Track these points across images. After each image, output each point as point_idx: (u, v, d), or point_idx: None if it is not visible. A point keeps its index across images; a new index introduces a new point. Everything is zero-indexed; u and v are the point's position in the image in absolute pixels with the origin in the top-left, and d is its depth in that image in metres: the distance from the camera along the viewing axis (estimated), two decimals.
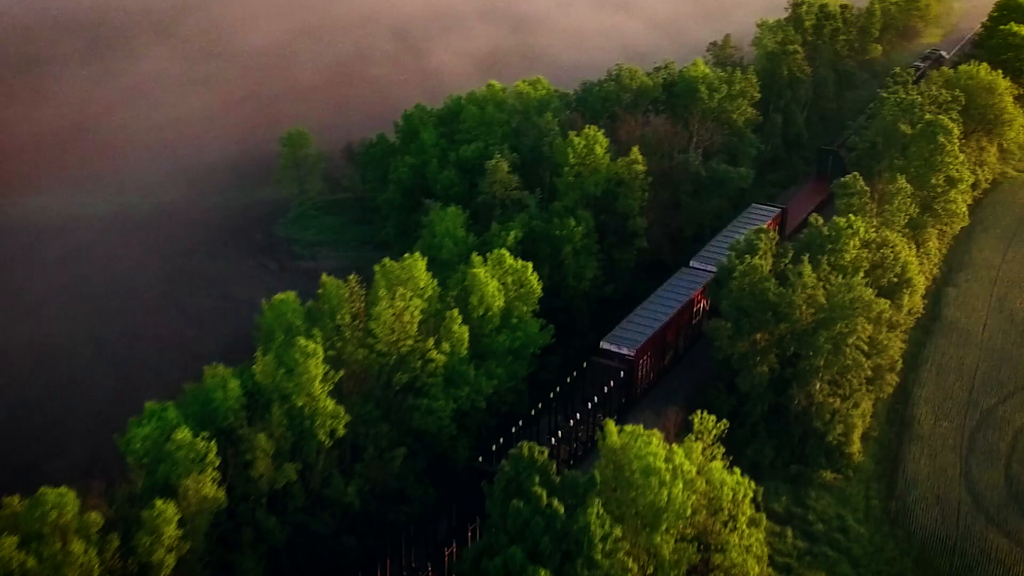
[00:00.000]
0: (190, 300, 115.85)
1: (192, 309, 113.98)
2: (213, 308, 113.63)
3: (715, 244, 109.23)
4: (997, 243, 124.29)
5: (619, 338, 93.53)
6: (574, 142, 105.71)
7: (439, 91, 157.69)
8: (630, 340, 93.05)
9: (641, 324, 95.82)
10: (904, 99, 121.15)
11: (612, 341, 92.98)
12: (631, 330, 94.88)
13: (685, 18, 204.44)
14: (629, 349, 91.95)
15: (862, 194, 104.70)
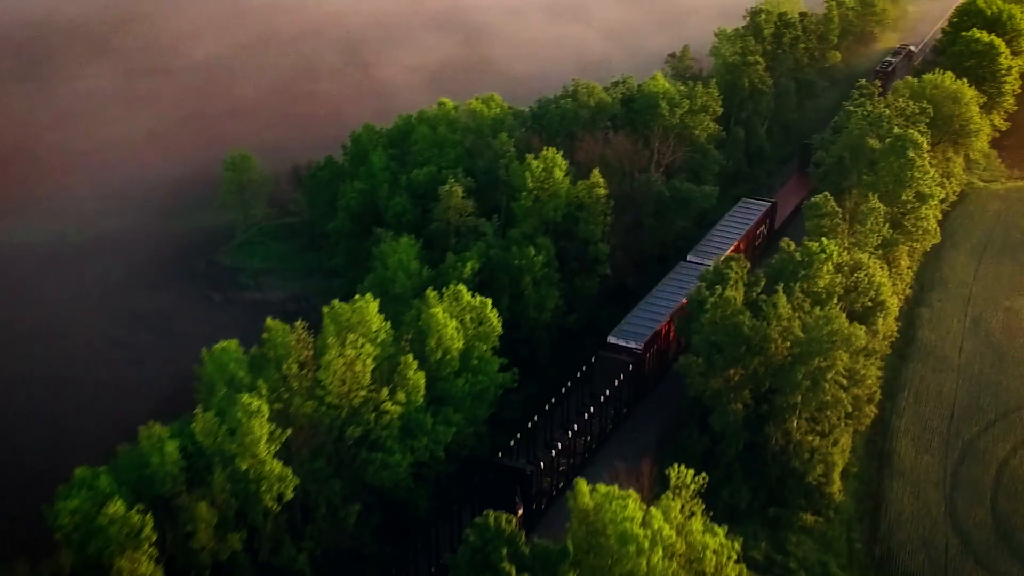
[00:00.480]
0: (130, 337, 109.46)
1: (132, 347, 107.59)
2: (155, 346, 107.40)
3: (710, 239, 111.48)
4: (967, 259, 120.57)
5: (626, 332, 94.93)
6: (532, 166, 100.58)
7: (389, 107, 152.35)
8: (637, 334, 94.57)
9: (646, 318, 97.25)
10: (871, 112, 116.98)
11: (619, 335, 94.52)
12: (637, 324, 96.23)
13: (639, 26, 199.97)
14: (637, 343, 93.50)
15: (833, 215, 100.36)
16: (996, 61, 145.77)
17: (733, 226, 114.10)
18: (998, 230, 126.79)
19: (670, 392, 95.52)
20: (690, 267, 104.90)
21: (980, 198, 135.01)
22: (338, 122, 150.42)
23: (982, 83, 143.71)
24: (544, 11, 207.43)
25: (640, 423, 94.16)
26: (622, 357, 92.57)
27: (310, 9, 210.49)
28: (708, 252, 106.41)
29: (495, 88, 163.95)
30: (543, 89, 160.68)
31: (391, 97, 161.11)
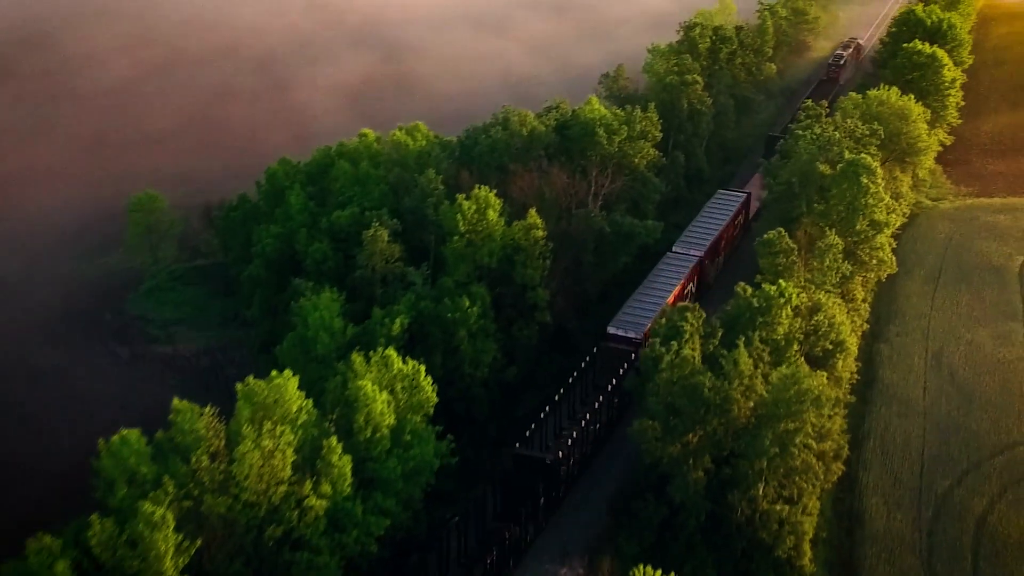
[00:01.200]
0: (27, 402, 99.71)
1: (29, 415, 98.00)
2: (54, 412, 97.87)
3: (692, 230, 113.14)
4: (923, 287, 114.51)
5: (625, 323, 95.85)
6: (463, 207, 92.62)
7: (308, 134, 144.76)
8: (636, 324, 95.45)
9: (642, 308, 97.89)
10: (820, 136, 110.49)
11: (618, 326, 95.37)
12: (633, 315, 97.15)
13: (566, 40, 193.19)
14: (636, 333, 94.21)
15: (788, 252, 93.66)
16: (939, 74, 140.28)
17: (713, 217, 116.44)
18: (951, 254, 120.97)
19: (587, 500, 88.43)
20: (677, 257, 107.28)
21: (930, 219, 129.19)
22: (254, 151, 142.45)
23: (925, 96, 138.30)
24: (468, 25, 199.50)
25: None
26: (622, 347, 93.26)
27: (223, 27, 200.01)
28: (692, 242, 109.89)
29: (419, 109, 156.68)
30: (470, 110, 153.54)
31: (310, 122, 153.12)
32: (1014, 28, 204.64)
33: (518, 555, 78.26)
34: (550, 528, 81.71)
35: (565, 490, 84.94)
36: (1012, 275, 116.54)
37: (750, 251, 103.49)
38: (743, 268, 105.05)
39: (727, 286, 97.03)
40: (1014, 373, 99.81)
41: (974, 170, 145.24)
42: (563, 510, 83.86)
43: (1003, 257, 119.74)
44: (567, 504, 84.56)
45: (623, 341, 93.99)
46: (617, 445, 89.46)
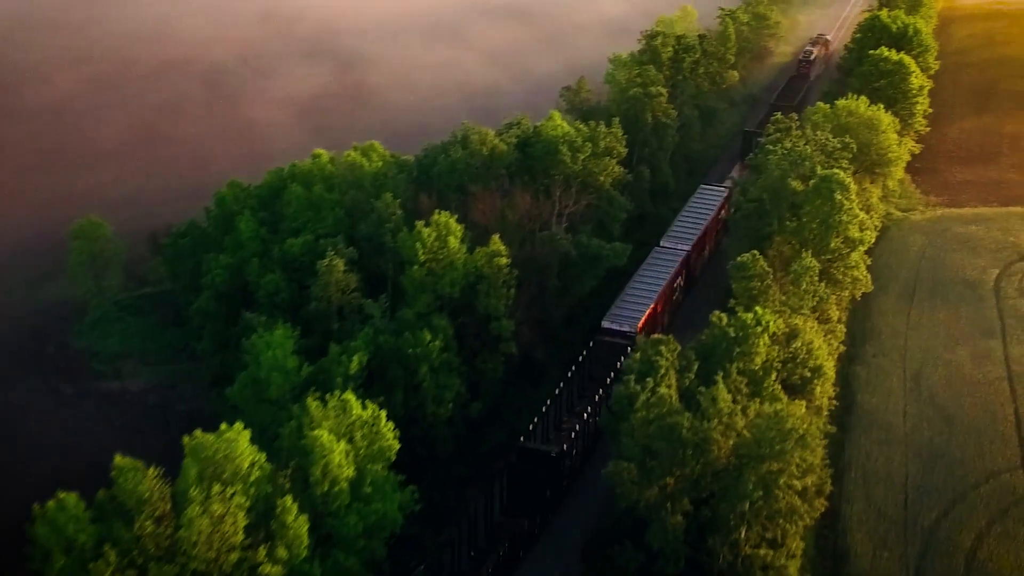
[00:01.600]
0: None
1: None
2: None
3: (678, 225, 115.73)
4: (898, 303, 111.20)
5: (619, 317, 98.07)
6: (422, 235, 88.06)
7: (259, 151, 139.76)
8: (630, 318, 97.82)
9: (635, 302, 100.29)
10: (791, 151, 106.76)
11: (613, 320, 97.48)
12: (627, 309, 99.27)
13: (523, 48, 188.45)
14: (631, 327, 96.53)
15: (763, 276, 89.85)
16: (907, 81, 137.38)
17: (698, 211, 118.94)
18: (925, 268, 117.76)
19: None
20: (664, 251, 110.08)
21: (901, 232, 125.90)
22: (203, 170, 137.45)
23: (893, 104, 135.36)
24: (422, 34, 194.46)
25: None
26: (617, 341, 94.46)
27: (170, 39, 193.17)
28: (680, 237, 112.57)
29: (374, 123, 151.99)
30: (427, 123, 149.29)
31: (261, 139, 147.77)
32: (974, 30, 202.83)
33: (527, 548, 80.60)
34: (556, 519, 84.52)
35: (568, 482, 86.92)
36: (987, 290, 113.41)
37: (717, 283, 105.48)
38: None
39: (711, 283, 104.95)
40: (995, 394, 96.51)
41: (942, 179, 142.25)
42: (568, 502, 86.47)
43: (977, 271, 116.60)
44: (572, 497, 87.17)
45: (618, 335, 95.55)
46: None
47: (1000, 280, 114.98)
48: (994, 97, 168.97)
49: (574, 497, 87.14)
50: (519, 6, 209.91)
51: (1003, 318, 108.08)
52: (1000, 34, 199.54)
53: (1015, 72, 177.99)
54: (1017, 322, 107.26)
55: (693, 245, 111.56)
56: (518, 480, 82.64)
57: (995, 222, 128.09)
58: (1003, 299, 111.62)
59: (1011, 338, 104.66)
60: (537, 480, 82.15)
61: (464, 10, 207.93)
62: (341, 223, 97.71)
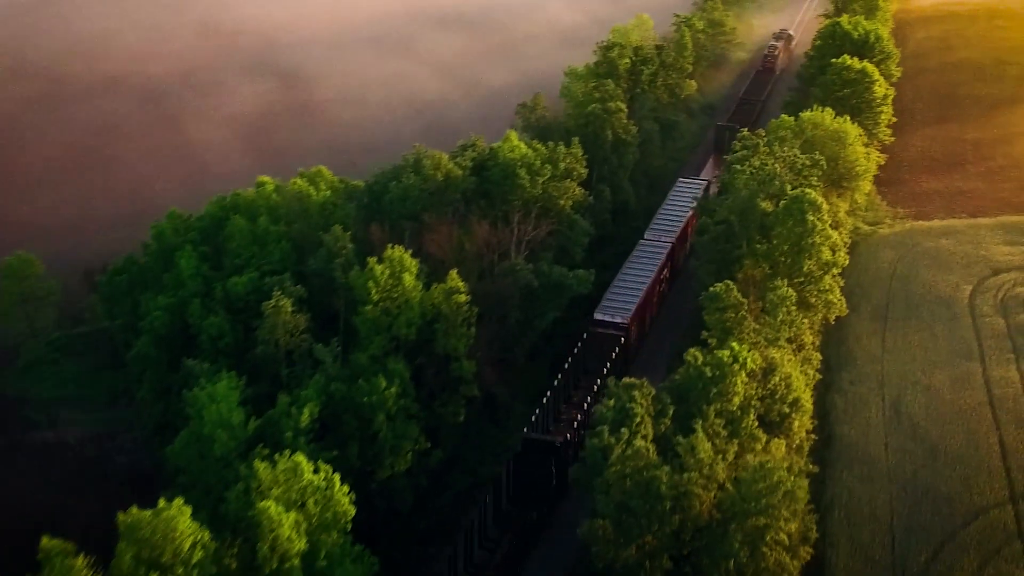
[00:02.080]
0: None
1: None
2: None
3: (660, 217, 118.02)
4: (872, 325, 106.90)
5: (611, 308, 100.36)
6: (375, 272, 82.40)
7: (201, 173, 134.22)
8: (622, 309, 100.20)
9: (626, 294, 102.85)
10: (759, 170, 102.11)
11: (604, 312, 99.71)
12: (618, 300, 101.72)
13: (474, 59, 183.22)
14: (623, 317, 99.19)
15: (737, 307, 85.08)
16: (871, 90, 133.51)
17: (678, 204, 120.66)
18: (897, 286, 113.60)
19: None
20: (650, 244, 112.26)
21: (870, 247, 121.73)
22: (142, 196, 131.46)
23: (857, 114, 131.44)
24: (369, 46, 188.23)
25: None
26: (610, 332, 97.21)
27: (106, 56, 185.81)
28: (663, 229, 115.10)
29: (321, 143, 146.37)
30: (377, 141, 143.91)
31: (203, 162, 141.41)
32: (930, 33, 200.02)
33: (536, 536, 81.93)
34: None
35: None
36: (962, 307, 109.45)
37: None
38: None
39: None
40: (978, 423, 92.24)
41: (908, 189, 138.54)
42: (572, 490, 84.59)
43: (950, 287, 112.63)
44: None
45: (610, 326, 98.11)
46: None
47: (974, 297, 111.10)
48: (955, 103, 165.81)
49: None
50: (468, 15, 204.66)
51: (980, 338, 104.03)
52: (956, 36, 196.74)
53: (974, 76, 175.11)
54: (995, 342, 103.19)
55: (677, 237, 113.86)
56: (523, 470, 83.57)
57: (964, 235, 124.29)
58: (978, 317, 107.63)
59: (990, 359, 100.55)
60: (542, 470, 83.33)
61: (411, 20, 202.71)
62: (288, 258, 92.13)
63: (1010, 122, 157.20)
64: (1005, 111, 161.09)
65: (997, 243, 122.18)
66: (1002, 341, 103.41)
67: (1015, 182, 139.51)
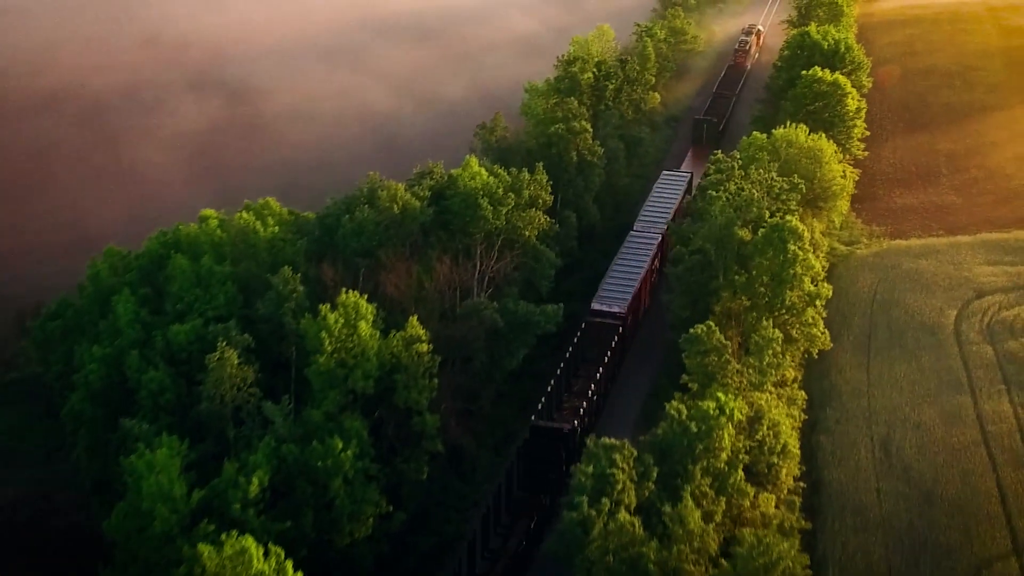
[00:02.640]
0: None
1: None
2: None
3: (648, 209, 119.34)
4: (855, 356, 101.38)
5: (607, 299, 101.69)
6: (328, 321, 75.80)
7: (144, 202, 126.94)
8: (619, 299, 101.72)
9: (620, 285, 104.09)
10: (736, 196, 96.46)
11: (601, 302, 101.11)
12: (614, 290, 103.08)
13: (429, 70, 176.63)
14: (619, 307, 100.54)
15: (720, 351, 79.32)
16: (843, 103, 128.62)
17: (664, 197, 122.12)
18: (879, 312, 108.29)
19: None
20: (640, 235, 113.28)
21: (849, 270, 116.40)
22: (79, 227, 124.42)
23: (829, 128, 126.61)
24: (320, 59, 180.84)
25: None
26: (607, 321, 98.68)
27: (46, 70, 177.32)
28: (652, 221, 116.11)
29: (270, 163, 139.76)
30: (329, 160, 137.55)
31: (145, 186, 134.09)
32: (894, 38, 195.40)
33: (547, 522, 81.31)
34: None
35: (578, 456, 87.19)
36: (947, 334, 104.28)
37: None
38: None
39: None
40: (973, 463, 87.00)
41: (883, 205, 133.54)
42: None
43: (934, 312, 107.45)
44: None
45: (608, 316, 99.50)
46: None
47: (959, 322, 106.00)
48: (924, 111, 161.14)
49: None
50: (423, 24, 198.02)
51: (968, 368, 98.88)
52: (920, 41, 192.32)
53: (941, 83, 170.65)
54: (984, 372, 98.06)
55: (666, 228, 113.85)
56: (533, 457, 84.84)
57: (944, 254, 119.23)
58: (965, 345, 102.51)
59: (980, 392, 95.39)
60: (552, 456, 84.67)
61: (364, 31, 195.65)
62: (234, 302, 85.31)
63: (981, 131, 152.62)
64: (976, 120, 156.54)
65: (979, 263, 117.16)
66: (991, 371, 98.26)
67: (991, 196, 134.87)
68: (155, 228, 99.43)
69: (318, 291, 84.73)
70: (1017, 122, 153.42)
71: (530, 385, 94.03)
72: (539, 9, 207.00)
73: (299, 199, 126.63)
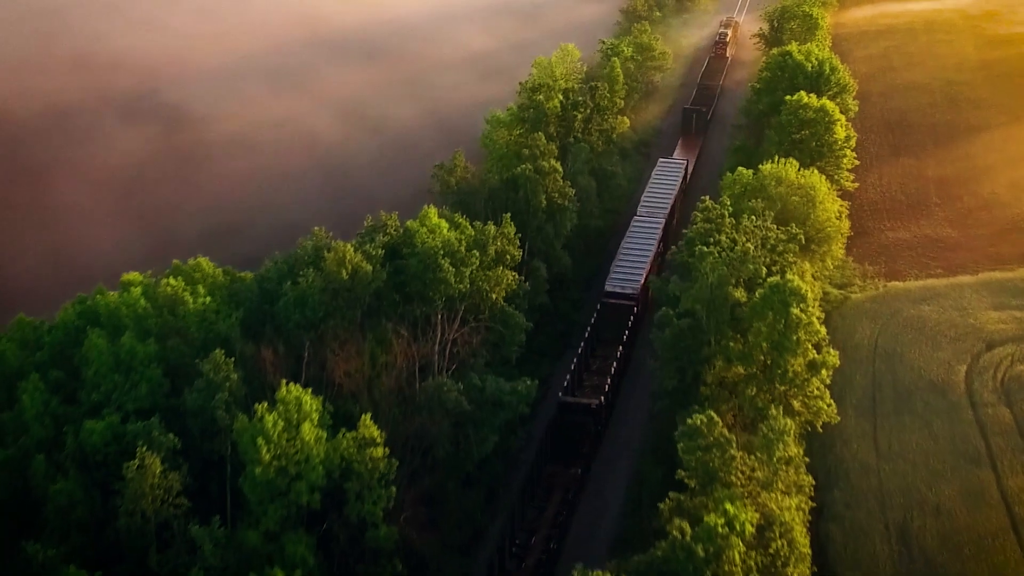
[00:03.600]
0: None
1: None
2: None
3: (649, 196, 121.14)
4: (860, 423, 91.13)
5: (620, 281, 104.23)
6: (266, 426, 64.28)
7: (66, 255, 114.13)
8: (631, 281, 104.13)
9: (631, 267, 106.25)
10: (730, 253, 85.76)
11: (615, 285, 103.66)
12: (625, 273, 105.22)
13: (378, 94, 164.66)
14: (632, 288, 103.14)
15: (724, 446, 68.57)
16: (831, 131, 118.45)
17: (664, 184, 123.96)
18: (882, 368, 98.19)
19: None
20: (643, 220, 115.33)
21: (845, 319, 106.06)
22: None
23: (817, 159, 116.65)
24: (264, 82, 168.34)
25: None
26: (622, 302, 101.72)
27: None
28: (654, 207, 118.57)
29: (207, 202, 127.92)
30: (273, 199, 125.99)
31: (67, 236, 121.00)
32: (870, 51, 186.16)
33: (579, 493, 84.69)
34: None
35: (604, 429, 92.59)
36: (959, 394, 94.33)
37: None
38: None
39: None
40: (1003, 553, 77.16)
41: (875, 240, 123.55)
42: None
43: (943, 368, 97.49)
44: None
45: (622, 297, 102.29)
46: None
47: (971, 380, 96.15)
48: (908, 133, 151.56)
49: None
50: (371, 42, 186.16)
51: (986, 435, 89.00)
52: (898, 54, 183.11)
53: (923, 101, 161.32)
54: (1003, 440, 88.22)
55: (668, 213, 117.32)
56: (562, 431, 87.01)
57: (947, 298, 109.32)
58: (980, 407, 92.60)
59: (1002, 464, 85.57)
60: (580, 430, 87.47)
61: (309, 49, 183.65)
62: (159, 390, 73.65)
63: (970, 154, 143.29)
64: (963, 142, 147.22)
65: (984, 307, 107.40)
66: (1011, 438, 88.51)
67: (988, 227, 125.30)
68: (76, 287, 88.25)
69: (256, 375, 73.27)
70: (1007, 144, 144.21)
71: (501, 467, 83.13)
72: (494, 24, 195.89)
73: (238, 246, 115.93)
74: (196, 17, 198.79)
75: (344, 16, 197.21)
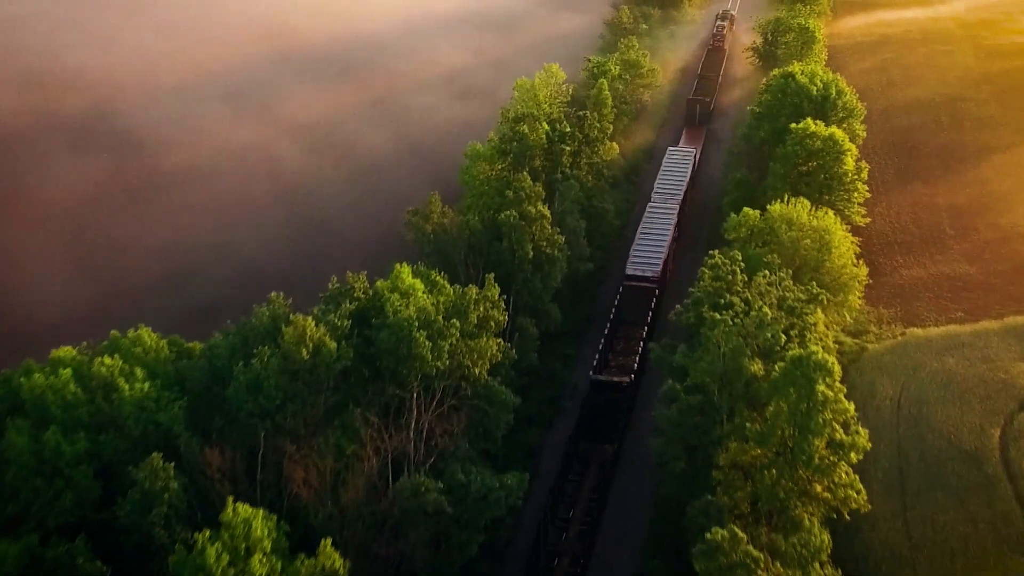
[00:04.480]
0: None
1: None
2: None
3: (661, 183, 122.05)
4: (889, 501, 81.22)
5: (640, 264, 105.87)
6: (208, 560, 53.57)
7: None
8: (651, 264, 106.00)
9: (650, 251, 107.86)
10: (744, 319, 75.41)
11: (635, 268, 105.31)
12: (644, 257, 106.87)
13: (347, 117, 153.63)
14: (653, 272, 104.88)
15: (749, 568, 58.31)
16: (841, 161, 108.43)
17: (675, 172, 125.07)
18: (908, 435, 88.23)
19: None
20: (658, 207, 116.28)
21: (862, 375, 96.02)
22: None
23: (826, 192, 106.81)
24: (224, 105, 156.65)
25: None
26: (643, 285, 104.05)
27: None
28: (668, 194, 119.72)
29: (159, 247, 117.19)
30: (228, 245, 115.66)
31: (3, 286, 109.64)
32: (867, 64, 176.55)
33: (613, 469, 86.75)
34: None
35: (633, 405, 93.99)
36: (994, 465, 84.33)
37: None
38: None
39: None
40: None
41: (888, 280, 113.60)
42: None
43: (974, 434, 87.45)
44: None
45: (643, 280, 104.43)
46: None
47: (1006, 446, 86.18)
48: (914, 155, 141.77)
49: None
50: (340, 60, 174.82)
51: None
52: (896, 67, 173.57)
53: (927, 119, 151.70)
54: None
55: (681, 200, 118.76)
56: (594, 409, 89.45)
57: (973, 348, 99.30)
58: (1019, 480, 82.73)
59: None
60: (612, 407, 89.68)
61: (274, 67, 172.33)
62: (88, 499, 63.10)
63: (983, 179, 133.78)
64: (974, 165, 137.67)
65: (1013, 358, 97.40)
66: None
67: (1009, 263, 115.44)
68: (3, 352, 77.81)
69: (202, 479, 62.72)
70: (1020, 167, 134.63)
71: (487, 567, 72.69)
72: (470, 38, 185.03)
73: (193, 294, 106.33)
74: (156, 32, 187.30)
75: (312, 32, 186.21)
